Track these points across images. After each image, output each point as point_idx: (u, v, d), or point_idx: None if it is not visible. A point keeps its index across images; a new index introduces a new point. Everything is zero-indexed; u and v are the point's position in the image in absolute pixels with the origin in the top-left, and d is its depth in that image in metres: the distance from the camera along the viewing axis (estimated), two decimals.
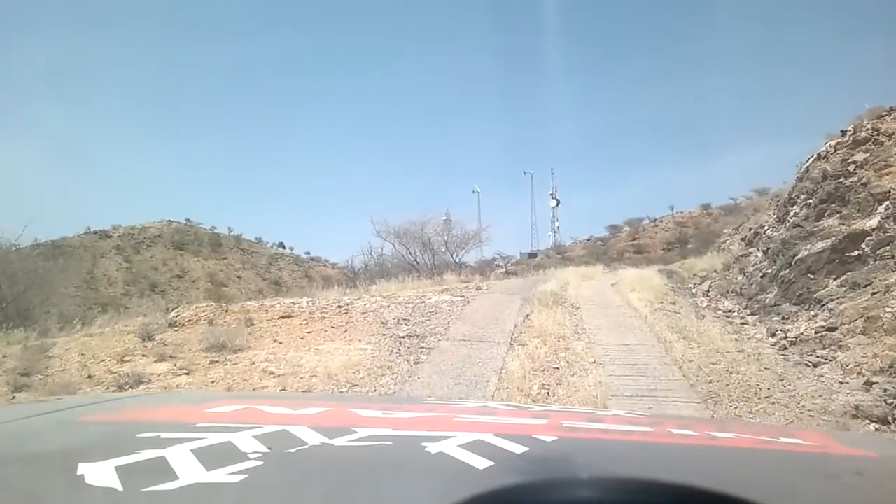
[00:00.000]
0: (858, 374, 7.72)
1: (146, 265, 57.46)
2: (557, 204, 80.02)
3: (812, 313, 9.73)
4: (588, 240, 69.48)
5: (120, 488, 0.91)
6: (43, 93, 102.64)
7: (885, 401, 6.83)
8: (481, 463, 1.02)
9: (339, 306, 12.56)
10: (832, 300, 9.48)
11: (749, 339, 9.96)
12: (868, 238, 9.41)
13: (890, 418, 6.51)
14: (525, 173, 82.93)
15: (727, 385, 7.45)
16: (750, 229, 15.58)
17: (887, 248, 9.08)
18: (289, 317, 11.74)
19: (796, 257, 10.58)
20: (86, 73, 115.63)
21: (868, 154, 10.21)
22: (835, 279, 9.69)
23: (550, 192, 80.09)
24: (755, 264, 12.83)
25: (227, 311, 12.06)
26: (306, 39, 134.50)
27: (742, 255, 14.33)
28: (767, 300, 11.26)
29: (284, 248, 70.84)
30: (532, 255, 67.48)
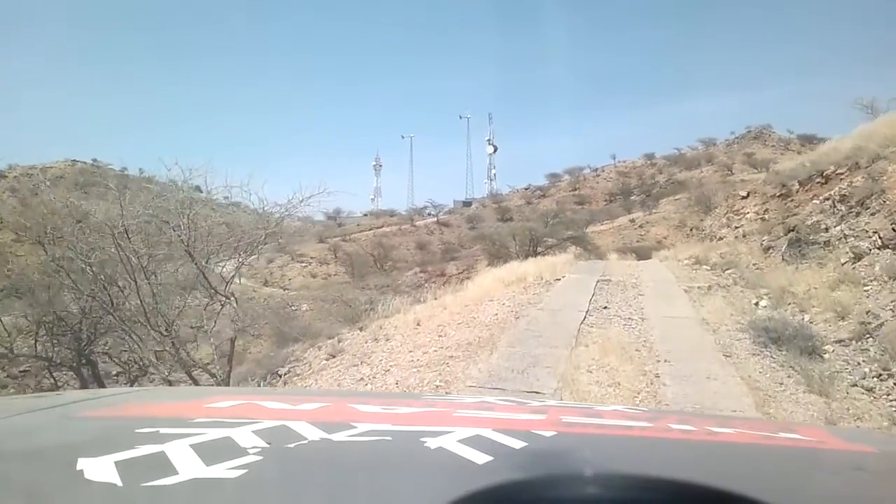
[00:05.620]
0: None
1: (43, 209, 54.55)
2: (495, 150, 76.48)
3: None
4: (526, 188, 65.73)
5: (119, 483, 0.91)
6: None
7: None
8: (480, 458, 1.02)
9: None
10: None
11: None
12: None
13: None
14: (461, 118, 79.54)
15: None
16: None
17: None
18: None
19: None
20: None
21: None
22: None
23: (487, 139, 76.55)
24: None
25: None
26: None
27: None
28: None
29: (201, 191, 67.65)
30: (467, 204, 64.83)
